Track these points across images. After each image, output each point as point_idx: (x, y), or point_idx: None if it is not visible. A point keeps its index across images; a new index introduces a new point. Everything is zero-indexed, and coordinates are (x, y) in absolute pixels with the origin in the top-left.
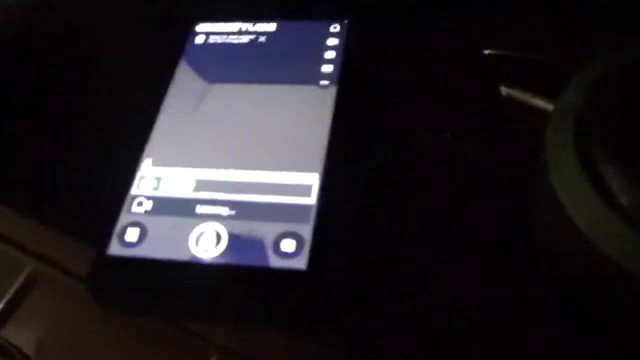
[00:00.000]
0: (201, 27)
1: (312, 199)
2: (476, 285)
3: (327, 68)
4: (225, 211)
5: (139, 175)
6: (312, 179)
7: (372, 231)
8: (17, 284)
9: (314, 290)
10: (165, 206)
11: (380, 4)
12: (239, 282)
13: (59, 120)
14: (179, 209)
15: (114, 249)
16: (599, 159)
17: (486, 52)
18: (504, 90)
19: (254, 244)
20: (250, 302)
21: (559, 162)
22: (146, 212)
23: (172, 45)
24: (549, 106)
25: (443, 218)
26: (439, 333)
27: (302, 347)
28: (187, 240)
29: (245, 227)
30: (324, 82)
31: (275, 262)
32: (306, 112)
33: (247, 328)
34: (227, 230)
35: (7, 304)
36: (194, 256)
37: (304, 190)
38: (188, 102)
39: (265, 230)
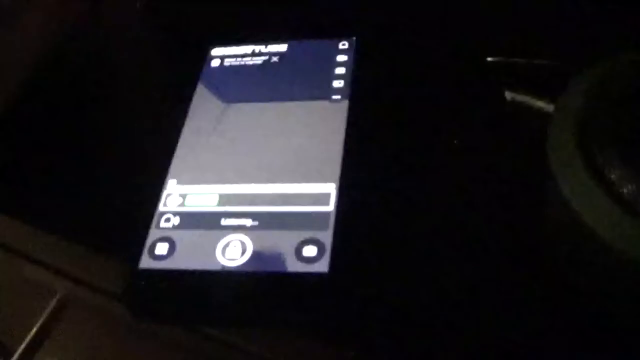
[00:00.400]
0: (216, 51)
1: (330, 207)
2: (491, 283)
3: (338, 83)
4: (248, 222)
5: (165, 193)
6: (330, 188)
7: (389, 234)
8: (50, 307)
9: (337, 292)
10: (191, 220)
11: (386, 21)
12: (265, 288)
13: (88, 146)
14: (204, 222)
15: (145, 262)
16: (599, 153)
17: (490, 59)
18: (508, 95)
19: (278, 251)
20: (277, 306)
21: (561, 159)
22: (174, 226)
23: (190, 70)
24: (551, 107)
25: (456, 219)
26: (456, 332)
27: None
28: (214, 251)
29: (269, 236)
30: (336, 97)
31: (298, 267)
32: (320, 126)
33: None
34: (251, 240)
35: (40, 329)
36: (222, 265)
37: (323, 199)
38: (207, 123)
39: (288, 238)
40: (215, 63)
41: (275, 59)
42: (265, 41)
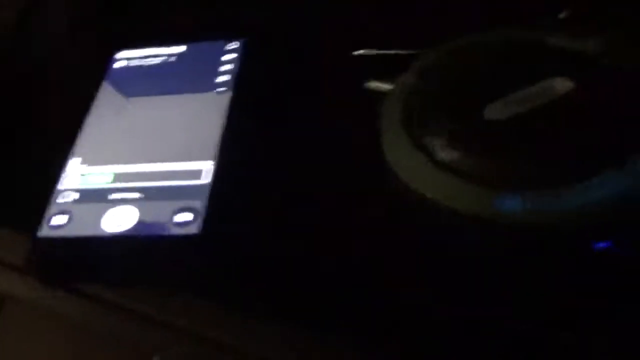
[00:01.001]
0: (121, 54)
1: (205, 180)
2: (345, 236)
3: (224, 78)
4: (136, 195)
5: (66, 173)
6: (207, 165)
7: (256, 203)
8: None
9: (206, 251)
10: (87, 196)
11: (272, 24)
12: (145, 250)
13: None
14: (99, 196)
15: (44, 232)
16: (417, 119)
17: (355, 53)
18: (370, 84)
19: (158, 219)
20: (156, 265)
21: (387, 124)
22: (73, 201)
23: (98, 70)
24: None
25: (316, 185)
26: (318, 285)
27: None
28: (104, 220)
29: (151, 206)
30: (221, 89)
31: (174, 230)
32: (205, 113)
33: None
34: (136, 209)
35: None
36: (109, 232)
37: (200, 174)
38: (108, 115)
39: (168, 207)
40: (119, 64)
41: (172, 59)
42: (167, 44)
